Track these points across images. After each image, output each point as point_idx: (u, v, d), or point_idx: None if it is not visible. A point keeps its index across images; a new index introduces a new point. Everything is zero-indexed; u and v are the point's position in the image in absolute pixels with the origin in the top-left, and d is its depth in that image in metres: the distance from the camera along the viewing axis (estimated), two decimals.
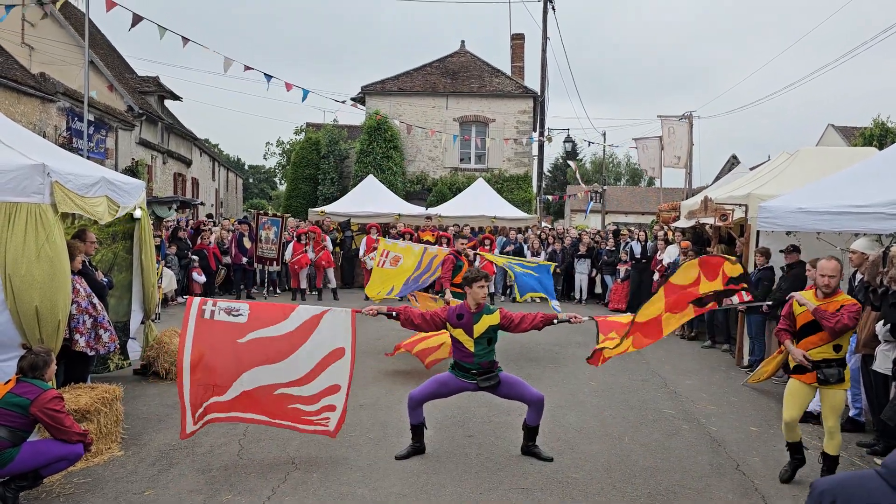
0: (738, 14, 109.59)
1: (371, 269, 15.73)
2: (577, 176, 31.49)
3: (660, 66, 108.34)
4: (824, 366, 5.13)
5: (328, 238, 16.35)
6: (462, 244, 10.05)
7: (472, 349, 5.49)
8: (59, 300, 5.41)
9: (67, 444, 4.64)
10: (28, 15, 20.00)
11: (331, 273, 15.96)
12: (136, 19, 13.51)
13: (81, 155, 15.92)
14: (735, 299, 5.53)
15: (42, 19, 19.97)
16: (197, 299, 5.39)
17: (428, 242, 16.12)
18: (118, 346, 7.00)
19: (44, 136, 15.93)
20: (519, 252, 16.06)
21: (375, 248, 15.67)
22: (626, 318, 5.87)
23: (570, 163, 32.60)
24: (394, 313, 5.65)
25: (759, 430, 6.61)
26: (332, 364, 5.46)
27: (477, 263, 10.60)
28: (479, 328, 5.48)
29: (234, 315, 5.32)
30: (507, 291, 16.34)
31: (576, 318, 5.64)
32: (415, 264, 10.21)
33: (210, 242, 15.34)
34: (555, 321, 5.60)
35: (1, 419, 4.44)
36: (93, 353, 6.36)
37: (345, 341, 5.48)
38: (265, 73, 15.22)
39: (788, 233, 8.31)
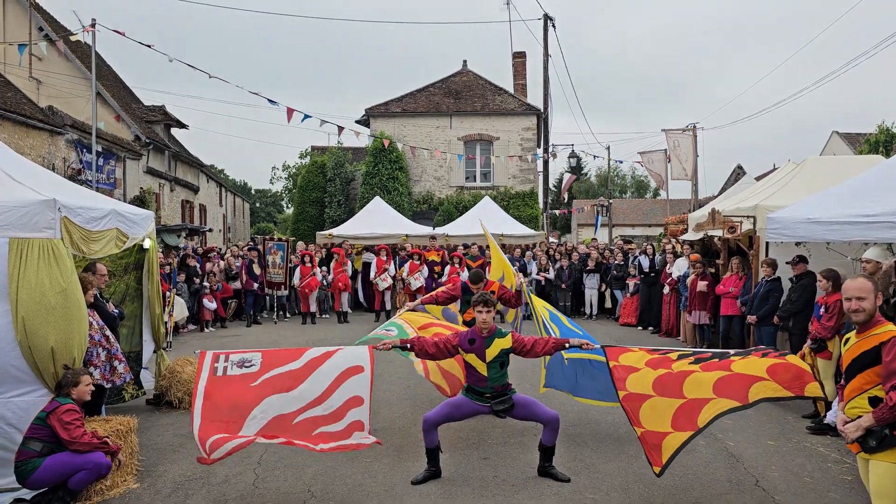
0: (739, 24, 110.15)
1: (382, 290, 15.90)
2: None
3: (661, 79, 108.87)
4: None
5: (349, 261, 16.40)
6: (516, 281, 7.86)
7: (486, 373, 5.50)
8: (73, 335, 5.42)
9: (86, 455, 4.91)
10: (35, 50, 20.28)
11: (345, 297, 16.00)
12: (145, 48, 13.78)
13: (91, 186, 16.08)
14: None
15: (57, 55, 20.25)
16: (210, 354, 5.33)
17: (434, 262, 16.19)
18: (132, 376, 7.04)
19: (52, 169, 16.11)
20: (522, 271, 15.93)
21: (386, 269, 15.81)
22: (637, 356, 5.50)
23: (565, 174, 32.34)
24: (408, 345, 5.69)
25: (776, 444, 6.55)
26: (350, 378, 5.32)
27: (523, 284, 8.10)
28: (492, 352, 5.49)
29: (246, 367, 5.29)
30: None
31: (588, 344, 5.66)
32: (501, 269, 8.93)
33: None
34: (566, 345, 5.63)
35: (33, 432, 4.93)
36: (109, 384, 6.42)
37: (364, 362, 5.39)
38: (269, 99, 15.43)
39: (798, 243, 8.27)
